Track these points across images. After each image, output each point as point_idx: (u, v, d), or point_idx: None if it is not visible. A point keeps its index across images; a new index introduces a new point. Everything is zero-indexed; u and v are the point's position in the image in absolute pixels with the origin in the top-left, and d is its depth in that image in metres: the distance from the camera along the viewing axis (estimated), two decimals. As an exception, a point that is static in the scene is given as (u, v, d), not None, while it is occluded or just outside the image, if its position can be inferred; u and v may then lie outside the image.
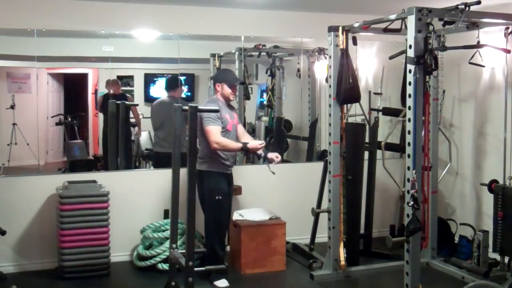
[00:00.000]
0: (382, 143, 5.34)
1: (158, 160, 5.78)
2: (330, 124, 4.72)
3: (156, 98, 5.99)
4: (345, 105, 4.77)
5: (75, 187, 4.75)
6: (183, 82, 5.96)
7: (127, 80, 6.05)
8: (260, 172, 5.76)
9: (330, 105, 4.70)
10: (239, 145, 4.48)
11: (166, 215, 5.02)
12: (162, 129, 5.72)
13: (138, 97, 6.13)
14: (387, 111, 5.89)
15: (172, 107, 3.66)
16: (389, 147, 5.61)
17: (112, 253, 4.86)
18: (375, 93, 6.00)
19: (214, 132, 4.40)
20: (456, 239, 5.31)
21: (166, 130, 5.58)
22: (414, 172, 3.77)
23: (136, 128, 5.99)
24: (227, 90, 4.59)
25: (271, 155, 4.60)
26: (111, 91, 5.80)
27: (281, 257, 4.95)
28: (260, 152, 4.56)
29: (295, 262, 5.17)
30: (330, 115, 4.71)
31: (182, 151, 3.62)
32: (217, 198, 4.48)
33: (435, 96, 4.91)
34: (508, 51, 4.44)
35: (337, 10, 5.50)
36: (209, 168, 4.50)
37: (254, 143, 4.51)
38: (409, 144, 3.82)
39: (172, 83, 5.83)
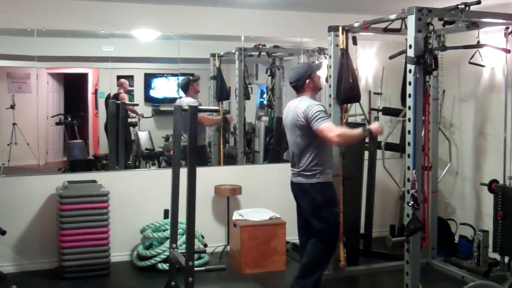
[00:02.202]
0: (382, 143, 5.34)
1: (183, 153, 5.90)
2: (330, 124, 4.72)
3: (157, 98, 6.05)
4: (345, 105, 4.77)
5: (75, 187, 4.75)
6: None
7: (127, 80, 6.04)
8: (260, 172, 5.78)
9: (330, 105, 4.70)
10: (359, 130, 3.82)
11: (166, 215, 5.02)
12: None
13: (138, 97, 6.14)
14: (387, 111, 5.89)
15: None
16: (389, 147, 5.61)
17: (112, 253, 4.86)
18: (375, 93, 6.00)
19: (330, 127, 3.77)
20: (456, 239, 5.31)
21: None
22: (414, 172, 3.77)
23: (136, 128, 6.02)
24: (317, 79, 4.04)
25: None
26: (121, 91, 5.90)
27: (281, 257, 4.95)
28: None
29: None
30: (330, 115, 4.71)
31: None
32: (335, 210, 4.04)
33: (435, 96, 4.91)
34: (508, 51, 4.44)
35: (337, 10, 5.50)
36: (322, 179, 3.93)
37: (374, 125, 3.92)
38: (409, 144, 3.82)
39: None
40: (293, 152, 4.07)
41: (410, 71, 3.80)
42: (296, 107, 3.97)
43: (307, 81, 3.98)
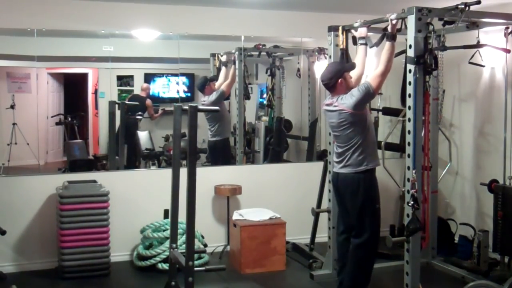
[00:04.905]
0: (382, 143, 5.34)
1: (215, 147, 6.02)
2: (330, 124, 4.72)
3: (157, 98, 6.08)
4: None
5: (75, 187, 4.75)
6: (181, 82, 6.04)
7: (127, 80, 6.05)
8: (260, 172, 5.78)
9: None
10: (387, 45, 3.89)
11: (166, 215, 5.02)
12: (213, 123, 5.94)
13: (138, 97, 6.15)
14: (387, 111, 5.89)
15: None
16: (389, 147, 5.61)
17: (112, 253, 4.86)
18: (375, 93, 5.99)
19: (368, 80, 3.88)
20: (456, 239, 5.31)
21: (217, 124, 5.93)
22: (414, 172, 3.77)
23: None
24: (349, 78, 4.03)
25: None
26: (143, 95, 6.06)
27: (281, 257, 4.95)
28: None
29: (295, 262, 5.17)
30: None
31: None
32: (377, 206, 3.94)
33: (435, 96, 4.91)
34: (508, 51, 4.44)
35: (337, 10, 5.50)
36: (368, 165, 3.92)
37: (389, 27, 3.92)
38: (409, 144, 3.82)
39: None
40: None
41: (410, 71, 3.80)
42: (338, 104, 3.94)
43: (340, 80, 3.94)
